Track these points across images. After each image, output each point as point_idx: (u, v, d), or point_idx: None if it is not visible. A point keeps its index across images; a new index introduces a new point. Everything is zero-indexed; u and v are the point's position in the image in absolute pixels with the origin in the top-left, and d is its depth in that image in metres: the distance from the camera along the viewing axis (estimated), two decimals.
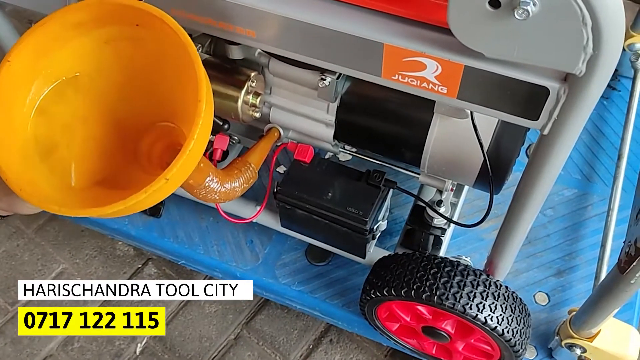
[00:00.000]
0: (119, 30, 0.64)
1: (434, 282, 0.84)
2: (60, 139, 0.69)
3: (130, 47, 0.65)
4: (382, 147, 0.99)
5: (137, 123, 0.72)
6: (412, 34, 0.58)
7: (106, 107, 0.70)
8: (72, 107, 0.69)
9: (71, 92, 0.68)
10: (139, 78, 0.68)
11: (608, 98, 1.34)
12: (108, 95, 0.70)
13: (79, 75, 0.68)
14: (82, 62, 0.67)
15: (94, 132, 0.71)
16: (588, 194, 1.21)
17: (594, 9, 0.47)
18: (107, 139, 0.71)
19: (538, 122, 0.59)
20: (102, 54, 0.66)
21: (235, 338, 1.31)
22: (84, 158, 0.70)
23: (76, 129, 0.70)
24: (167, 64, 0.61)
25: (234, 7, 0.63)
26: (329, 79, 0.85)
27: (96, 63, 0.67)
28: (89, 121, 0.70)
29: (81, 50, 0.66)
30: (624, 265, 0.73)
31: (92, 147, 0.71)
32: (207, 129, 0.62)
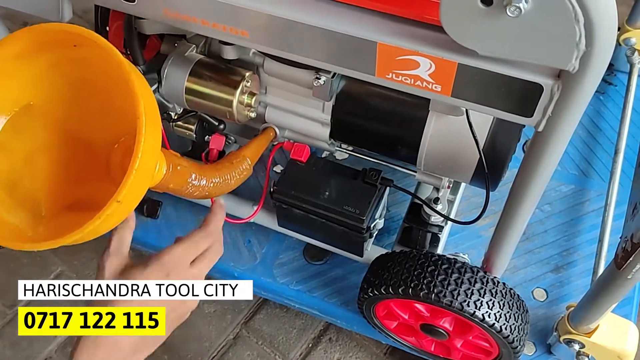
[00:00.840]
0: (60, 54, 0.63)
1: (432, 280, 0.84)
2: (23, 171, 0.68)
3: (76, 68, 0.64)
4: (378, 146, 0.99)
5: (103, 140, 0.71)
6: (405, 32, 0.58)
7: (67, 131, 0.69)
8: (31, 137, 0.68)
9: (27, 122, 0.67)
10: (94, 95, 0.67)
11: (604, 93, 1.34)
12: (66, 119, 0.69)
13: (32, 105, 0.67)
14: (32, 90, 0.66)
15: (59, 157, 0.70)
16: (585, 189, 1.21)
17: (586, 6, 0.47)
18: (73, 162, 0.70)
19: (532, 119, 0.59)
20: (50, 79, 0.65)
21: (235, 338, 1.31)
22: (51, 185, 0.69)
23: (38, 158, 0.69)
24: (115, 78, 0.61)
25: (227, 8, 0.63)
26: (324, 78, 0.85)
27: (47, 89, 0.66)
28: (50, 148, 0.69)
29: (28, 79, 0.65)
30: (621, 260, 0.73)
31: (59, 172, 0.70)
32: (154, 143, 0.60)
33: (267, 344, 1.30)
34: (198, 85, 0.89)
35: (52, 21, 0.76)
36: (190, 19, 0.66)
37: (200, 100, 0.91)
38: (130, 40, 0.86)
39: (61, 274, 1.39)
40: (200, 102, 0.91)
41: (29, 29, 0.61)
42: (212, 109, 0.92)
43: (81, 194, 0.70)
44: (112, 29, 0.92)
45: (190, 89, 0.90)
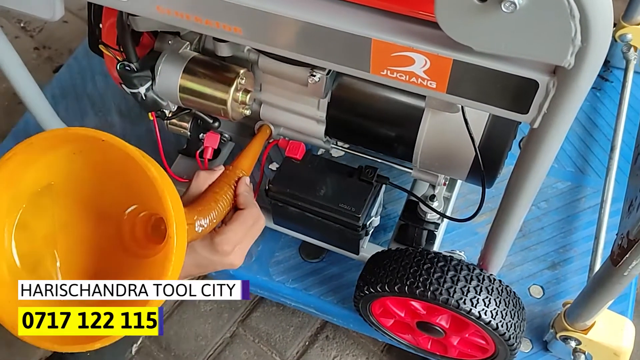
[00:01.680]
0: (86, 144, 0.65)
1: (427, 278, 0.84)
2: (44, 250, 0.69)
3: (99, 154, 0.65)
4: (374, 143, 0.98)
5: (114, 211, 0.72)
6: (400, 28, 0.58)
7: (83, 208, 0.71)
8: (51, 216, 0.69)
9: (47, 201, 0.69)
10: (110, 174, 0.68)
11: (600, 89, 1.34)
12: (82, 196, 0.70)
13: (52, 184, 0.68)
14: (53, 173, 0.67)
15: (76, 234, 0.71)
16: (581, 186, 1.20)
17: (582, 1, 0.46)
18: (89, 237, 0.72)
19: (528, 116, 0.59)
20: (72, 162, 0.67)
21: (231, 336, 1.31)
22: (69, 263, 0.70)
23: (58, 236, 0.70)
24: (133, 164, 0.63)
25: (220, 4, 0.62)
26: (319, 75, 0.85)
27: (67, 171, 0.67)
28: (69, 225, 0.71)
29: (51, 164, 0.66)
30: (617, 257, 0.73)
31: (76, 248, 0.71)
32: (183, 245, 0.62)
33: (263, 342, 1.29)
34: (192, 82, 0.89)
35: (44, 19, 0.76)
36: (183, 15, 0.66)
37: (194, 98, 0.90)
38: (124, 37, 0.86)
39: None
40: (194, 100, 0.91)
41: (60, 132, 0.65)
42: (206, 107, 0.91)
43: (97, 267, 0.71)
44: (105, 26, 0.92)
45: (184, 87, 0.89)
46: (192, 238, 0.74)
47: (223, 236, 0.76)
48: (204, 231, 0.76)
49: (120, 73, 0.88)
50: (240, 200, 0.82)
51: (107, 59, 0.95)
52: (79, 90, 1.38)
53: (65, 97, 1.37)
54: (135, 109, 1.33)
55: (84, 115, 1.34)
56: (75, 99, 1.37)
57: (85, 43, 1.46)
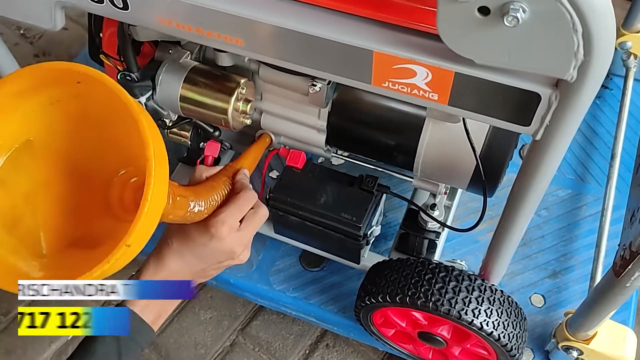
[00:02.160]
0: (62, 91, 0.63)
1: (429, 288, 0.83)
2: (24, 209, 0.67)
3: (77, 103, 0.63)
4: (374, 152, 0.98)
5: (101, 173, 0.70)
6: (402, 41, 0.58)
7: (66, 166, 0.69)
8: (31, 173, 0.67)
9: (27, 159, 0.67)
10: (93, 129, 0.66)
11: (600, 97, 1.34)
12: (65, 154, 0.68)
13: (32, 140, 0.66)
14: (31, 127, 0.65)
15: (58, 194, 0.69)
16: (582, 194, 1.20)
17: (584, 15, 0.46)
18: (72, 197, 0.69)
19: (530, 128, 0.58)
20: (50, 115, 0.64)
21: (231, 344, 1.30)
22: (51, 222, 0.68)
23: (39, 195, 0.68)
24: (117, 111, 0.60)
25: (221, 16, 0.62)
26: (320, 85, 0.85)
27: (46, 125, 0.65)
28: (50, 184, 0.69)
29: (28, 116, 0.64)
30: (619, 268, 0.73)
31: (59, 209, 0.69)
32: (163, 185, 0.60)
33: (263, 350, 1.29)
34: (193, 92, 0.89)
35: (45, 28, 0.75)
36: (185, 27, 0.66)
37: (195, 107, 0.90)
38: (124, 47, 0.86)
39: None
40: (195, 109, 0.90)
41: (31, 68, 0.61)
42: (207, 116, 0.91)
43: (81, 229, 0.69)
44: (105, 36, 0.92)
45: (185, 96, 0.89)
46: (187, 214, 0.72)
47: (217, 217, 0.73)
48: (200, 213, 0.73)
49: (121, 82, 0.87)
50: (237, 185, 0.79)
51: (108, 68, 0.95)
52: None
53: None
54: None
55: None
56: None
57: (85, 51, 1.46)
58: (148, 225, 0.58)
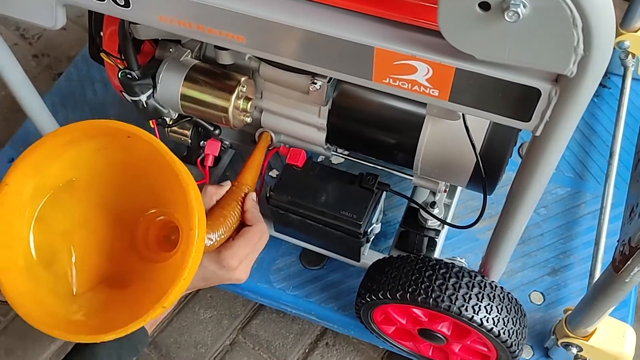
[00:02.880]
0: (111, 140, 0.66)
1: (430, 285, 0.83)
2: (61, 246, 0.70)
3: (122, 153, 0.67)
4: (374, 150, 0.99)
5: (131, 212, 0.73)
6: (403, 37, 0.58)
7: (101, 206, 0.72)
8: (70, 212, 0.70)
9: (68, 198, 0.70)
10: (132, 175, 0.69)
11: (599, 96, 1.34)
12: (103, 195, 0.71)
13: (74, 181, 0.69)
14: (76, 169, 0.68)
15: (93, 233, 0.72)
16: (581, 192, 1.21)
17: (584, 10, 0.46)
18: (105, 236, 0.73)
19: (530, 124, 0.59)
20: (95, 160, 0.68)
21: (231, 344, 1.31)
22: (85, 261, 0.71)
23: (75, 234, 0.71)
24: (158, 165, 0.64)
25: (223, 13, 0.62)
26: (320, 83, 0.85)
27: (90, 168, 0.69)
28: (87, 223, 0.72)
29: (74, 160, 0.68)
30: (619, 264, 0.73)
31: (92, 247, 0.72)
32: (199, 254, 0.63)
33: (263, 349, 1.29)
34: (193, 90, 0.89)
35: (45, 27, 0.76)
36: (185, 24, 0.66)
37: (195, 105, 0.90)
38: (125, 45, 0.86)
39: None
40: (195, 108, 0.91)
41: (88, 123, 0.65)
42: (207, 114, 0.91)
43: (110, 267, 0.72)
44: (106, 34, 0.92)
45: (186, 95, 0.89)
46: None
47: (230, 251, 0.78)
48: (212, 246, 0.77)
49: (121, 81, 0.88)
50: (248, 216, 0.84)
51: (108, 66, 0.95)
52: (78, 98, 1.38)
53: (64, 105, 1.37)
54: (136, 117, 1.33)
55: None
56: (75, 107, 1.37)
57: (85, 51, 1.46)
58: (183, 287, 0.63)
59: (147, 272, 0.69)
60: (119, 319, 0.62)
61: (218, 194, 0.84)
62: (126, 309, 0.64)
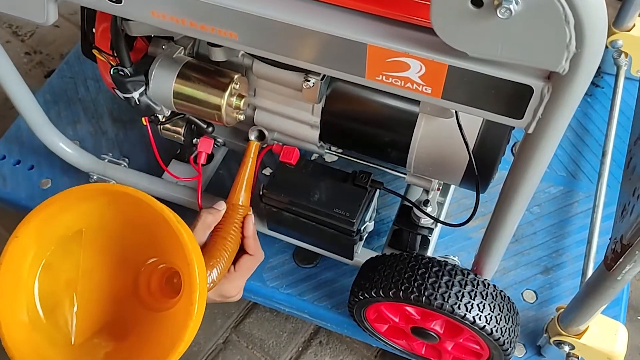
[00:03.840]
0: (121, 197, 0.68)
1: (422, 283, 0.84)
2: (64, 294, 0.71)
3: (133, 209, 0.68)
4: (368, 148, 0.98)
5: (133, 262, 0.74)
6: (396, 34, 0.58)
7: (107, 256, 0.73)
8: (76, 261, 0.71)
9: (75, 247, 0.71)
10: (136, 228, 0.71)
11: (591, 95, 1.35)
12: (108, 245, 0.72)
13: (82, 231, 0.71)
14: (85, 220, 0.70)
15: (96, 281, 0.73)
16: (573, 191, 1.21)
17: (576, 7, 0.46)
18: (107, 285, 0.73)
19: (522, 121, 0.59)
20: (104, 212, 0.70)
21: (224, 342, 1.30)
22: (86, 308, 0.72)
23: (80, 281, 0.72)
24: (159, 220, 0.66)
25: (215, 9, 0.62)
26: (313, 80, 0.85)
27: (99, 220, 0.70)
28: (90, 272, 0.73)
29: (85, 212, 0.69)
30: (610, 262, 0.73)
31: (94, 295, 0.73)
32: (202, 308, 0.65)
33: (257, 348, 1.29)
34: (186, 87, 0.89)
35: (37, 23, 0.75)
36: (178, 20, 0.65)
37: (188, 103, 0.90)
38: (117, 42, 0.85)
39: None
40: (188, 105, 0.90)
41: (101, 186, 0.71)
42: (200, 112, 0.91)
43: (111, 316, 0.73)
44: (98, 31, 0.91)
45: (178, 92, 0.89)
46: None
47: (232, 284, 0.80)
48: (213, 286, 0.78)
49: (113, 78, 0.87)
50: (249, 244, 0.85)
51: (100, 63, 0.95)
52: (71, 95, 1.38)
53: (57, 102, 1.36)
54: (128, 114, 1.33)
55: (76, 121, 1.33)
56: (68, 104, 1.36)
57: (77, 47, 1.45)
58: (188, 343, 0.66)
59: (150, 321, 0.71)
60: None
61: (215, 220, 0.85)
62: None
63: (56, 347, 0.68)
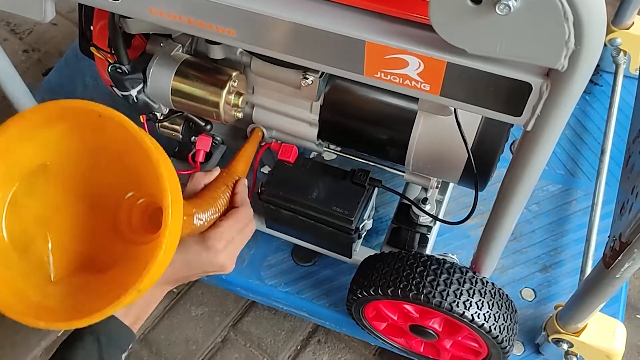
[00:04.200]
0: (82, 121, 0.64)
1: (421, 281, 0.83)
2: (35, 232, 0.68)
3: (94, 136, 0.65)
4: (366, 146, 0.98)
5: (110, 196, 0.71)
6: (394, 31, 0.58)
7: (78, 190, 0.70)
8: (44, 197, 0.68)
9: (41, 182, 0.68)
10: (107, 158, 0.67)
11: (590, 93, 1.35)
12: (79, 180, 0.69)
13: (47, 165, 0.67)
14: (48, 152, 0.66)
15: (69, 218, 0.70)
16: (572, 189, 1.21)
17: (575, 4, 0.46)
18: (82, 221, 0.70)
19: (521, 118, 0.59)
20: (67, 143, 0.66)
21: (222, 340, 1.30)
22: (61, 246, 0.69)
23: (51, 219, 0.69)
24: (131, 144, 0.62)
25: (213, 6, 0.62)
26: (312, 78, 0.85)
27: (63, 152, 0.66)
28: (62, 208, 0.69)
29: (46, 142, 0.65)
30: (609, 260, 0.73)
31: (69, 233, 0.70)
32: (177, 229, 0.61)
33: (255, 346, 1.29)
34: (184, 85, 0.88)
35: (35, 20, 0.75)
36: (176, 17, 0.65)
37: (186, 100, 0.90)
38: (115, 40, 0.85)
39: None
40: (186, 103, 0.90)
41: (53, 104, 0.63)
42: (198, 110, 0.91)
43: (89, 251, 0.70)
44: (96, 28, 0.91)
45: (176, 89, 0.89)
46: (190, 231, 0.73)
47: (217, 230, 0.74)
48: (202, 226, 0.74)
49: (111, 75, 0.87)
50: (237, 198, 0.80)
51: (98, 61, 0.94)
52: (69, 93, 1.37)
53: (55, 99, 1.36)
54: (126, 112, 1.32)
55: None
56: None
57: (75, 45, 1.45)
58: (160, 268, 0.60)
59: (129, 254, 0.65)
60: (96, 304, 0.59)
61: (207, 179, 0.80)
62: (104, 293, 0.61)
63: (34, 284, 0.65)
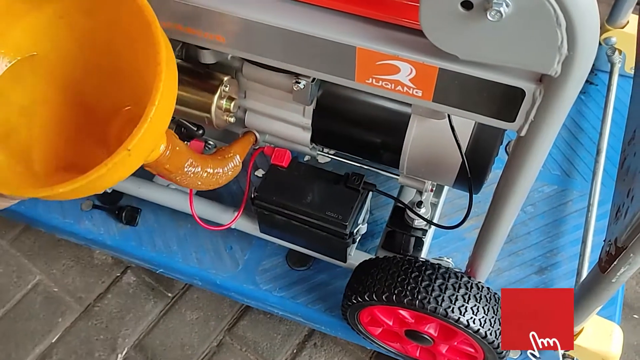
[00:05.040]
0: (72, 3, 0.61)
1: (416, 286, 0.83)
2: (19, 121, 0.66)
3: (86, 21, 0.62)
4: (360, 150, 0.98)
5: (105, 107, 0.69)
6: (385, 36, 0.57)
7: (69, 89, 0.67)
8: (31, 88, 0.66)
9: (28, 73, 0.65)
10: (102, 55, 0.65)
11: (585, 92, 1.34)
12: (69, 75, 0.67)
13: (35, 55, 0.65)
14: (37, 40, 0.64)
15: (58, 115, 0.68)
16: (568, 189, 1.20)
17: (568, 10, 0.46)
18: (73, 123, 0.68)
19: (515, 124, 0.58)
20: (57, 30, 0.63)
21: (218, 345, 1.29)
22: (48, 142, 0.67)
23: (36, 111, 0.67)
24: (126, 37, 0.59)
25: (201, 12, 0.61)
26: (304, 82, 0.84)
27: (52, 40, 0.64)
28: (50, 103, 0.67)
29: (35, 27, 0.63)
30: (605, 264, 0.72)
31: (57, 130, 0.67)
32: (171, 95, 0.59)
33: (251, 350, 1.28)
34: None
35: None
36: (165, 23, 0.64)
37: (177, 105, 0.88)
38: None
39: (39, 284, 1.36)
40: (177, 108, 0.89)
41: None
42: (190, 115, 0.90)
43: (76, 157, 0.67)
44: None
45: None
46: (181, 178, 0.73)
47: None
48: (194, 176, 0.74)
49: None
50: None
51: None
52: None
53: None
54: None
55: None
56: None
57: None
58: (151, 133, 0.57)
59: None
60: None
61: None
62: None
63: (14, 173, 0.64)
